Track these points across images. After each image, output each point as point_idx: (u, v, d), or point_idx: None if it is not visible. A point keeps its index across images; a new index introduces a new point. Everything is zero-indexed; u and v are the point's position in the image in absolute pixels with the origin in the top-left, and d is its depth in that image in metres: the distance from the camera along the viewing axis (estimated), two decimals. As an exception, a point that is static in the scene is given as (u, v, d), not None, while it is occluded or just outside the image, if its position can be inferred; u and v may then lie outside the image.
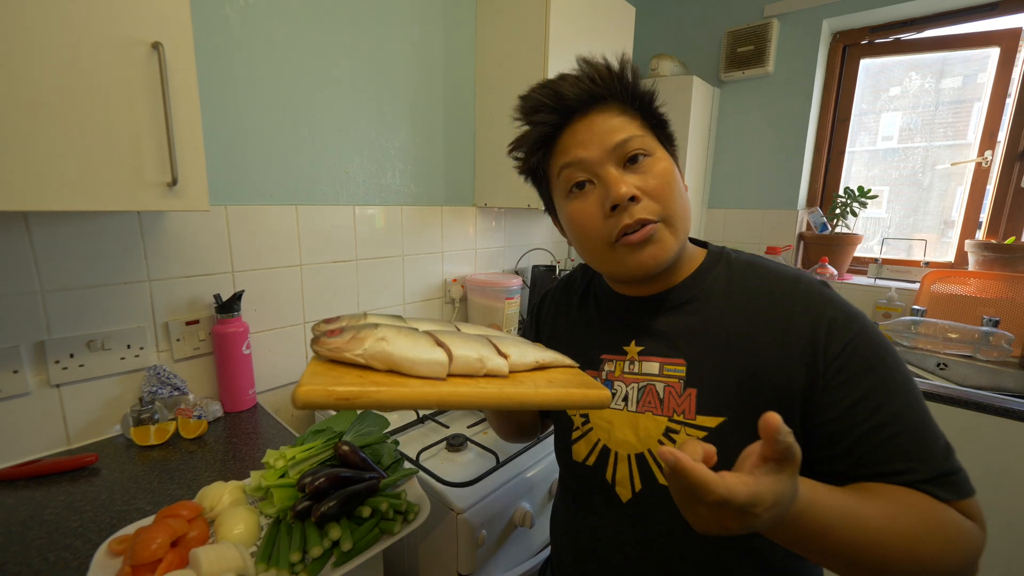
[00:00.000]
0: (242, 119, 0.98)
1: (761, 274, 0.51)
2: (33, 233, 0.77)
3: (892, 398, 0.44)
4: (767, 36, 1.77)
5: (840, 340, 0.45)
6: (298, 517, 0.62)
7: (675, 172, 0.51)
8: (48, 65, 0.57)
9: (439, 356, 0.41)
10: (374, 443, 0.78)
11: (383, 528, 0.64)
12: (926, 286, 1.58)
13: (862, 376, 0.45)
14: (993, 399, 1.11)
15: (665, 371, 0.52)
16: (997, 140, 1.59)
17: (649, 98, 0.51)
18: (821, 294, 0.48)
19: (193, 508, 0.63)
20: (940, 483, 0.43)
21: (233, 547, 0.57)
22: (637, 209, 0.48)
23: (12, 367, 0.77)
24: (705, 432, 0.48)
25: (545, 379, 0.46)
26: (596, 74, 0.50)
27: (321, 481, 0.63)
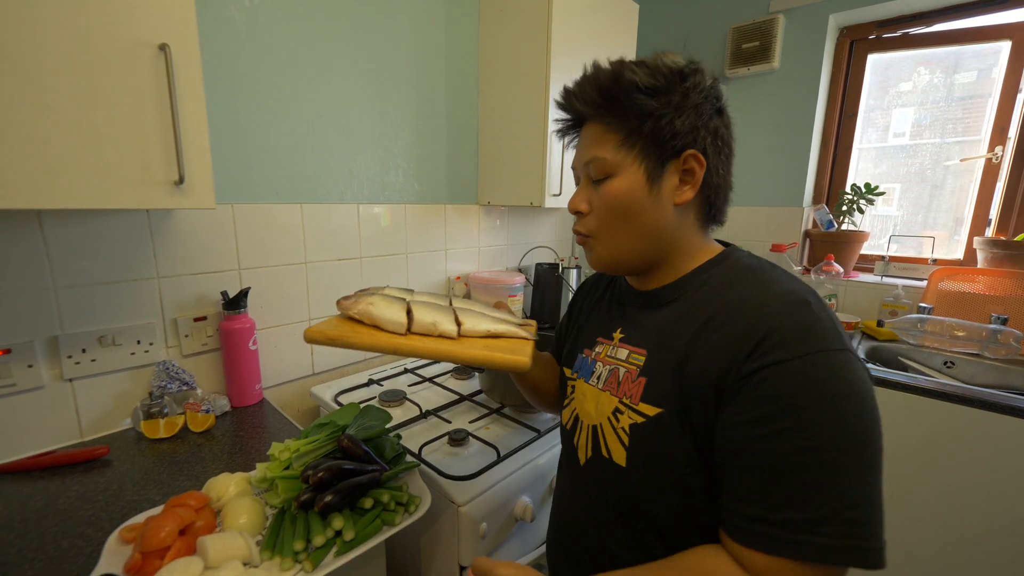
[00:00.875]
0: (248, 119, 1.00)
1: (745, 279, 0.50)
2: (46, 231, 0.79)
3: (783, 436, 0.40)
4: (772, 32, 1.76)
5: (768, 357, 0.42)
6: (302, 508, 0.63)
7: (627, 192, 0.52)
8: (59, 67, 0.58)
9: (401, 318, 0.61)
10: (376, 436, 0.79)
11: (385, 519, 0.66)
12: (933, 284, 1.56)
13: (763, 401, 0.41)
14: (1001, 397, 1.10)
15: (630, 358, 0.56)
16: (1008, 136, 1.57)
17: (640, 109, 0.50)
18: (785, 311, 0.44)
19: (200, 498, 0.65)
20: (778, 538, 0.39)
21: (239, 536, 0.58)
22: (579, 222, 0.58)
23: (27, 361, 0.79)
24: (643, 418, 0.51)
25: (483, 344, 0.60)
26: (585, 93, 0.54)
27: (324, 473, 0.64)
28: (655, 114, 0.50)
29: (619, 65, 0.52)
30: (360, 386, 1.15)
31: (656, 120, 0.50)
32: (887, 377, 1.21)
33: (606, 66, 0.53)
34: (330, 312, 1.21)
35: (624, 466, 0.53)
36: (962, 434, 1.13)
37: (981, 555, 1.13)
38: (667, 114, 0.50)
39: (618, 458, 0.53)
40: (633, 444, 0.52)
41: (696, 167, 0.52)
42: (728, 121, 0.55)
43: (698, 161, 0.52)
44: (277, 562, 0.58)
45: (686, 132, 0.51)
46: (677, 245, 0.55)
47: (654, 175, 0.52)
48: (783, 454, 0.40)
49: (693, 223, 0.56)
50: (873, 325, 1.53)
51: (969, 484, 1.13)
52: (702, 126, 0.52)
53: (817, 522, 0.38)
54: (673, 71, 0.51)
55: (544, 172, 1.31)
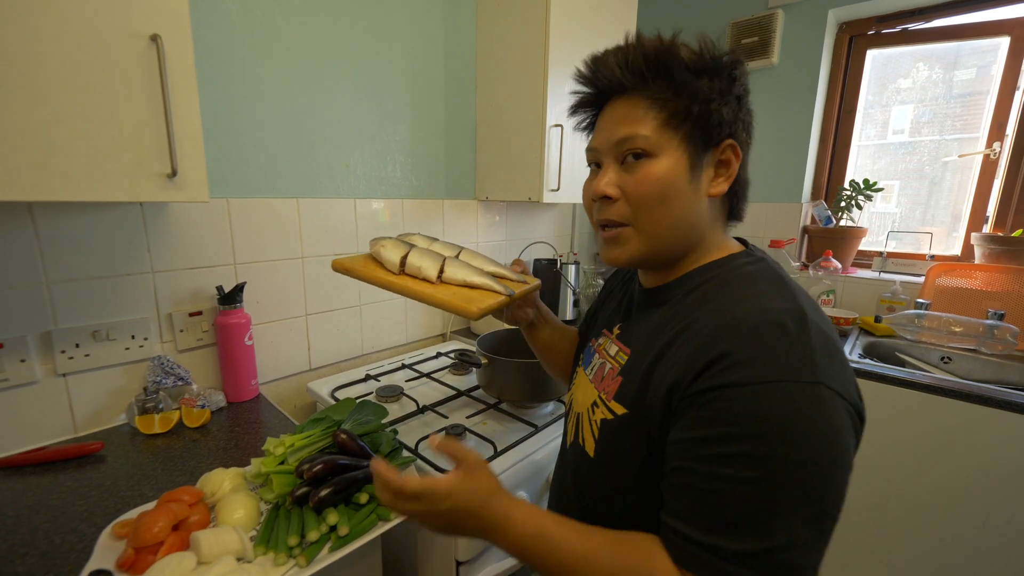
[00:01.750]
0: (243, 112, 0.99)
1: (733, 288, 0.47)
2: (39, 225, 0.78)
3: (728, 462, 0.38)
4: (772, 27, 1.75)
5: (721, 378, 0.40)
6: (296, 503, 0.63)
7: (668, 176, 0.48)
8: (49, 57, 0.57)
9: (395, 259, 0.70)
10: (372, 432, 0.79)
11: (380, 514, 0.65)
12: (931, 279, 1.56)
13: (712, 422, 0.39)
14: (997, 392, 1.10)
15: (617, 356, 0.56)
16: (1006, 132, 1.57)
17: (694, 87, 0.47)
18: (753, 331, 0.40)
19: (194, 493, 0.64)
20: (706, 563, 0.38)
21: (233, 531, 0.58)
22: (609, 209, 0.51)
23: (20, 356, 0.79)
24: (612, 416, 0.52)
25: (452, 291, 0.67)
26: (629, 60, 0.48)
27: (319, 467, 0.64)
28: (704, 97, 0.47)
29: (669, 40, 0.48)
30: (357, 381, 1.14)
31: (705, 104, 0.47)
32: (884, 372, 1.21)
33: (652, 38, 0.49)
34: (327, 305, 1.21)
35: (593, 457, 0.54)
36: (959, 429, 1.13)
37: (977, 549, 1.13)
38: (715, 99, 0.47)
39: (589, 449, 0.55)
40: (601, 438, 0.53)
41: (732, 159, 0.50)
42: (754, 115, 0.53)
43: (735, 152, 0.50)
44: (271, 557, 0.57)
45: (729, 122, 0.49)
46: (702, 239, 0.52)
47: (695, 162, 0.49)
48: (721, 479, 0.38)
49: (719, 217, 0.53)
50: (871, 321, 1.53)
51: (965, 479, 1.13)
52: (740, 118, 0.50)
53: (746, 555, 0.37)
54: (721, 56, 0.48)
55: (543, 167, 1.30)
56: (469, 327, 1.55)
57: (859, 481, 1.26)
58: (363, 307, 1.28)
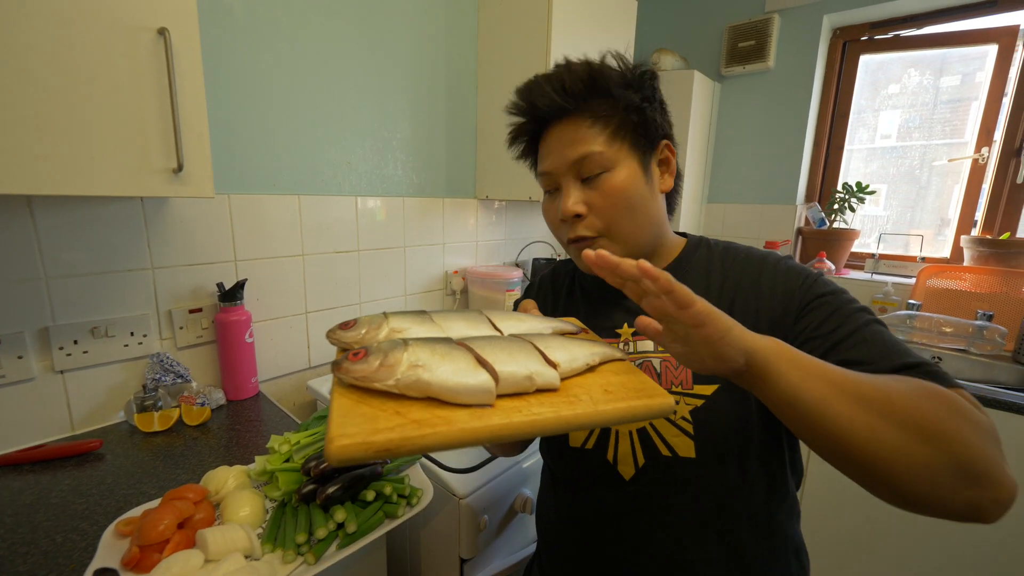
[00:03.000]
0: (245, 108, 0.98)
1: (736, 256, 0.56)
2: (37, 219, 0.77)
3: (852, 319, 0.47)
4: (768, 31, 1.78)
5: (798, 295, 0.50)
6: (303, 500, 0.62)
7: (631, 184, 0.52)
8: (54, 49, 0.57)
9: (485, 381, 0.35)
10: None
11: (387, 511, 0.65)
12: (922, 281, 1.60)
13: (817, 309, 0.48)
14: (986, 391, 1.13)
15: (660, 347, 0.54)
16: (994, 138, 1.61)
17: (630, 99, 0.52)
18: (782, 266, 0.53)
19: (199, 491, 0.64)
20: (924, 371, 0.42)
21: (239, 528, 0.57)
22: (580, 226, 0.54)
23: (17, 353, 0.77)
24: (703, 400, 0.51)
25: (600, 388, 0.40)
26: (565, 85, 0.52)
27: (326, 465, 0.64)
28: (639, 106, 0.53)
29: (594, 63, 0.54)
30: (357, 380, 1.14)
31: (640, 112, 0.53)
32: (878, 372, 1.23)
33: (578, 62, 0.54)
34: (328, 302, 1.20)
35: (695, 456, 0.50)
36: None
37: (968, 547, 1.16)
38: (647, 107, 0.53)
39: (686, 451, 0.50)
40: (698, 431, 0.50)
41: (670, 156, 0.56)
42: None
43: (670, 150, 0.56)
44: (279, 554, 0.57)
45: (661, 124, 0.55)
46: (664, 234, 0.58)
47: (646, 165, 0.54)
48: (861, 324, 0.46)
49: (665, 212, 0.59)
50: (863, 321, 1.56)
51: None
52: (667, 120, 0.57)
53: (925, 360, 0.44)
54: (639, 68, 0.54)
55: (543, 167, 1.30)
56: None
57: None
58: (363, 305, 1.27)
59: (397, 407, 0.34)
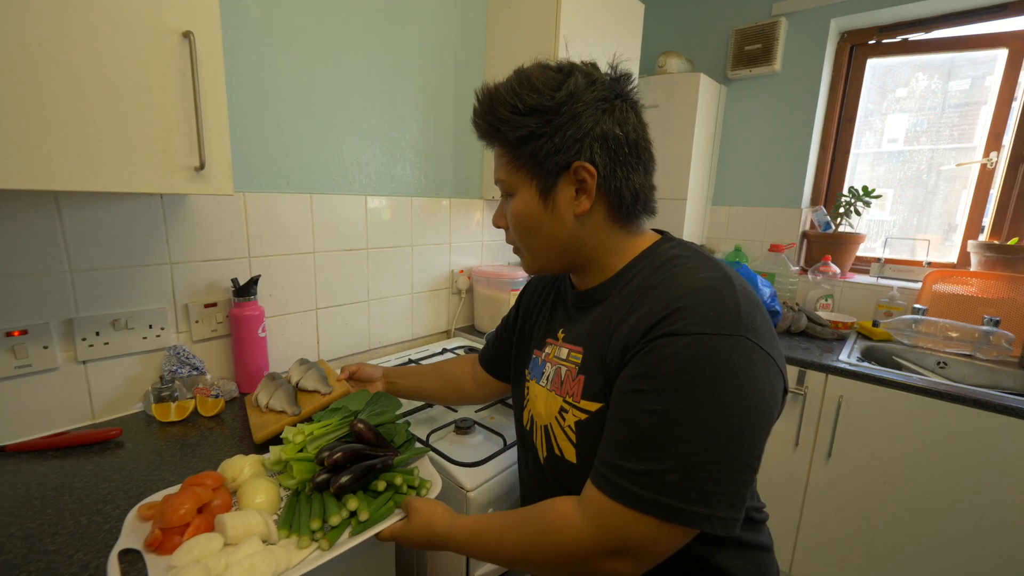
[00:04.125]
0: (260, 109, 1.01)
1: (667, 270, 0.50)
2: (64, 215, 0.80)
3: (640, 396, 0.44)
4: (775, 35, 1.78)
5: (660, 329, 0.44)
6: (317, 489, 0.64)
7: (526, 209, 0.55)
8: (89, 52, 0.60)
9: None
10: (387, 423, 0.80)
11: (397, 501, 0.67)
12: (928, 286, 1.60)
13: (637, 365, 0.45)
14: (992, 396, 1.13)
15: (570, 357, 0.57)
16: (1003, 143, 1.60)
17: (515, 134, 0.52)
18: (692, 294, 0.45)
19: (216, 478, 0.66)
20: (607, 478, 0.45)
21: (257, 514, 0.60)
22: (507, 235, 0.61)
23: (43, 343, 0.80)
24: (586, 415, 0.53)
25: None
26: (474, 120, 0.57)
27: (339, 455, 0.66)
28: (533, 134, 0.51)
29: (501, 85, 0.53)
30: (366, 375, 1.16)
31: (535, 140, 0.51)
32: (881, 376, 1.24)
33: (495, 86, 0.54)
34: (337, 299, 1.23)
35: (575, 463, 0.55)
36: (954, 433, 1.16)
37: (971, 551, 1.16)
38: (545, 132, 0.50)
39: (569, 456, 0.55)
40: (580, 440, 0.54)
41: (587, 177, 0.51)
42: (623, 117, 0.52)
43: (588, 172, 0.51)
44: (294, 540, 0.59)
45: (568, 146, 0.50)
46: (595, 248, 0.55)
47: (546, 191, 0.53)
48: (634, 410, 0.45)
49: (607, 225, 0.55)
50: (869, 325, 1.56)
51: (960, 482, 1.16)
52: (586, 135, 0.50)
53: (639, 474, 0.43)
54: (547, 83, 0.50)
55: (550, 168, 1.32)
56: (473, 324, 1.57)
57: (855, 483, 1.29)
58: (371, 303, 1.30)
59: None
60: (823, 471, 1.34)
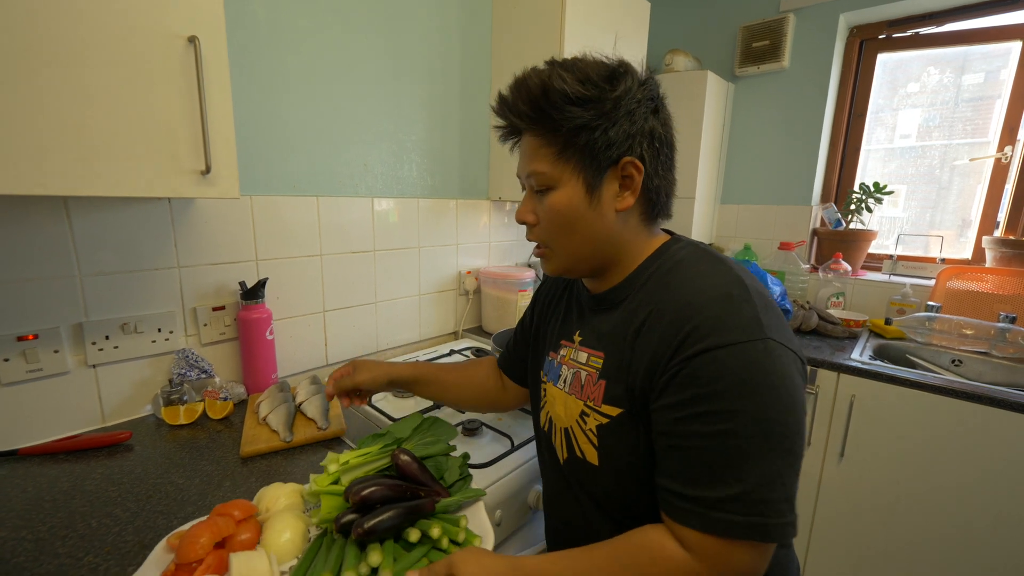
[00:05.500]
0: (267, 112, 1.01)
1: (676, 275, 0.52)
2: (73, 220, 0.81)
3: (698, 420, 0.44)
4: (783, 31, 1.76)
5: (690, 350, 0.44)
6: (341, 532, 0.55)
7: (568, 204, 0.52)
8: (95, 57, 0.60)
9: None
10: (437, 455, 0.68)
11: (433, 559, 0.52)
12: (942, 282, 1.57)
13: (683, 388, 0.45)
14: (1009, 394, 1.10)
15: (590, 361, 0.57)
16: (1017, 137, 1.57)
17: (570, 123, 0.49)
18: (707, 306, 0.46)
19: (247, 508, 0.60)
20: (695, 513, 0.43)
21: (265, 559, 0.53)
22: (531, 232, 0.58)
23: (53, 347, 0.81)
24: (607, 419, 0.53)
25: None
26: (516, 105, 0.53)
27: (368, 491, 0.55)
28: (588, 126, 0.49)
29: (548, 73, 0.50)
30: (373, 377, 1.16)
31: (590, 132, 0.50)
32: (895, 374, 1.22)
33: (538, 73, 0.51)
34: (344, 301, 1.23)
35: (597, 464, 0.55)
36: (969, 431, 1.13)
37: (987, 550, 1.14)
38: (600, 125, 0.49)
39: (591, 458, 0.55)
40: (602, 444, 0.54)
41: (635, 173, 0.52)
42: (666, 118, 0.53)
43: (636, 168, 0.52)
44: None
45: (621, 141, 0.50)
46: (623, 247, 0.56)
47: (593, 185, 0.52)
48: (698, 436, 0.44)
49: (637, 224, 0.56)
50: (881, 323, 1.54)
51: (976, 481, 1.14)
52: (637, 132, 0.51)
53: (727, 500, 0.42)
54: (603, 77, 0.50)
55: (556, 168, 1.32)
56: (481, 325, 1.57)
57: (870, 482, 1.26)
58: (378, 304, 1.30)
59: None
60: (836, 470, 1.32)
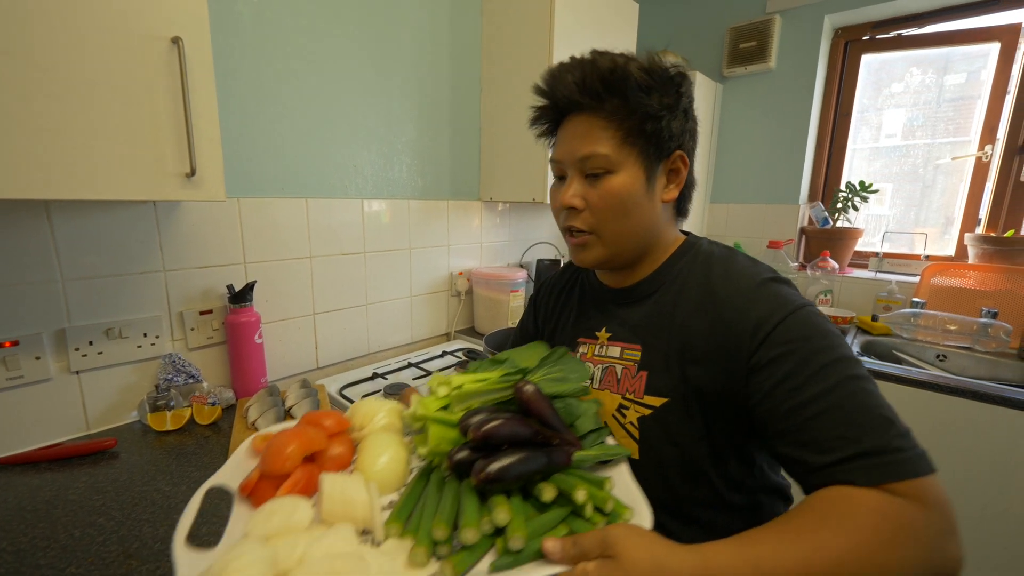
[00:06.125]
0: (254, 113, 1.00)
1: (713, 269, 0.54)
2: (55, 223, 0.79)
3: (816, 378, 0.44)
4: (769, 32, 1.78)
5: (761, 333, 0.47)
6: (455, 471, 0.43)
7: (628, 190, 0.53)
8: (74, 59, 0.59)
9: None
10: (569, 395, 0.53)
11: (576, 529, 0.39)
12: (926, 279, 1.59)
13: (782, 360, 0.46)
14: (991, 388, 1.12)
15: (625, 355, 0.58)
16: (997, 136, 1.61)
17: (646, 108, 0.51)
18: (757, 294, 0.49)
19: (340, 421, 0.51)
20: (870, 464, 0.40)
21: (363, 490, 0.42)
22: (576, 218, 0.56)
23: (35, 353, 0.79)
24: (650, 410, 0.54)
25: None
26: (585, 80, 0.51)
27: (493, 425, 0.41)
28: (657, 115, 0.51)
29: (620, 58, 0.51)
30: (364, 380, 1.15)
31: (656, 121, 0.52)
32: (882, 370, 1.24)
33: (607, 56, 0.52)
34: (335, 304, 1.21)
35: (638, 459, 0.55)
36: (955, 425, 1.15)
37: (972, 540, 1.16)
38: (665, 115, 0.52)
39: (632, 452, 0.55)
40: (643, 436, 0.55)
41: (681, 167, 0.56)
42: (696, 121, 0.58)
43: (683, 162, 0.56)
44: (405, 545, 0.37)
45: (678, 135, 0.54)
46: (658, 238, 0.59)
47: (651, 174, 0.54)
48: (825, 394, 0.43)
49: (670, 218, 0.59)
50: (868, 320, 1.56)
51: (961, 474, 1.16)
52: (688, 129, 0.55)
53: (892, 439, 0.42)
54: (668, 72, 0.53)
55: (546, 168, 1.32)
56: (473, 326, 1.57)
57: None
58: (369, 306, 1.29)
59: None
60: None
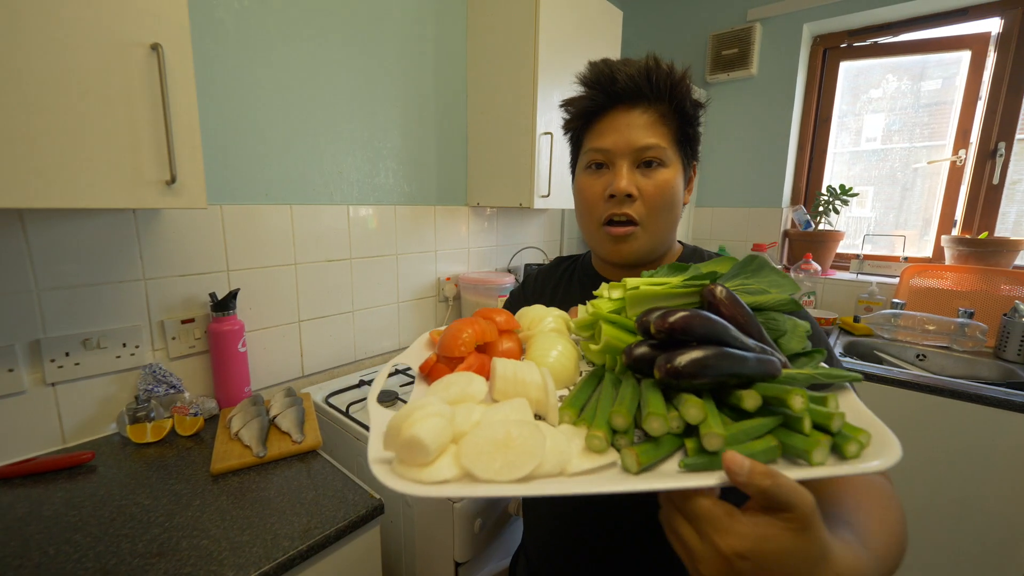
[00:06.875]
0: (238, 120, 0.99)
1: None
2: (29, 232, 0.78)
3: None
4: (750, 39, 1.82)
5: None
6: (633, 367, 0.38)
7: (677, 186, 0.57)
8: (50, 65, 0.58)
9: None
10: (772, 308, 0.43)
11: (788, 446, 0.31)
12: (905, 280, 1.63)
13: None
14: (969, 387, 1.15)
15: None
16: (970, 140, 1.66)
17: (693, 116, 0.57)
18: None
19: (510, 320, 0.51)
20: None
21: (536, 371, 0.40)
22: (628, 206, 0.56)
23: (7, 366, 0.77)
24: None
25: None
26: (655, 75, 0.55)
27: (683, 315, 0.36)
28: (695, 123, 0.58)
29: (678, 70, 0.56)
30: (351, 387, 1.14)
31: (695, 127, 0.58)
32: (864, 370, 1.26)
33: (664, 61, 0.56)
34: (320, 311, 1.20)
35: None
36: (935, 423, 1.18)
37: (949, 532, 1.18)
38: (699, 124, 0.59)
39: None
40: None
41: (693, 175, 0.62)
42: None
43: (694, 170, 0.62)
44: (581, 432, 0.34)
45: (699, 144, 0.61)
46: (673, 243, 0.64)
47: (685, 176, 0.60)
48: None
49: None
50: (850, 321, 1.59)
51: (941, 469, 1.18)
52: (700, 141, 0.61)
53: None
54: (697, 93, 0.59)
55: (533, 173, 1.32)
56: (461, 332, 1.56)
57: (843, 476, 1.30)
58: (355, 313, 1.28)
59: None
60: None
